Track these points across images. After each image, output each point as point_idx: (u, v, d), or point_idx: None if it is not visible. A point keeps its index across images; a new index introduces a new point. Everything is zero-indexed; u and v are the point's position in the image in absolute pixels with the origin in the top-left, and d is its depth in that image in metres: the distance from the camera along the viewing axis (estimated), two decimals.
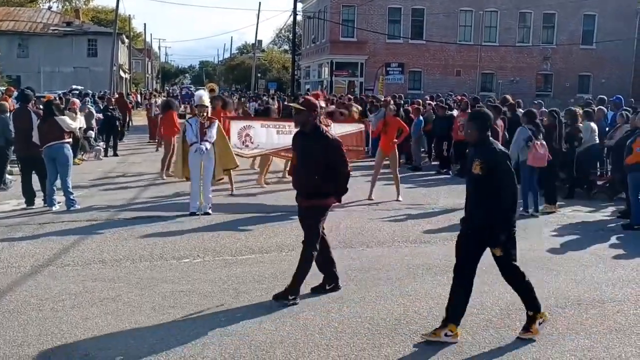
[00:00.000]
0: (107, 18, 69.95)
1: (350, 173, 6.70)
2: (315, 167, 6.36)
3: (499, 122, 12.44)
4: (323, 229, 6.65)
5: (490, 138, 5.66)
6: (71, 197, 11.08)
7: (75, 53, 54.05)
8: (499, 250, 5.53)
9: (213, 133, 10.85)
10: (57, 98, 20.05)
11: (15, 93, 21.19)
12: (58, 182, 11.11)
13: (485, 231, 5.48)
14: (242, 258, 8.19)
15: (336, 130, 12.04)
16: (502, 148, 5.71)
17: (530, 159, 11.05)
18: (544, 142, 11.16)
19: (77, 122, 14.57)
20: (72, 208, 10.96)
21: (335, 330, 5.72)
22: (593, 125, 13.52)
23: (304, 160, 6.52)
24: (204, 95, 11.34)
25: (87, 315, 5.98)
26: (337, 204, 6.79)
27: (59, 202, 11.13)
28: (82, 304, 6.29)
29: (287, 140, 12.79)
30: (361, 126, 13.33)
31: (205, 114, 10.91)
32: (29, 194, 11.40)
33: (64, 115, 11.61)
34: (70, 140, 11.43)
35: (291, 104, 8.39)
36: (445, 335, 5.48)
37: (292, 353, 5.24)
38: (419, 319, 6.05)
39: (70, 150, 11.31)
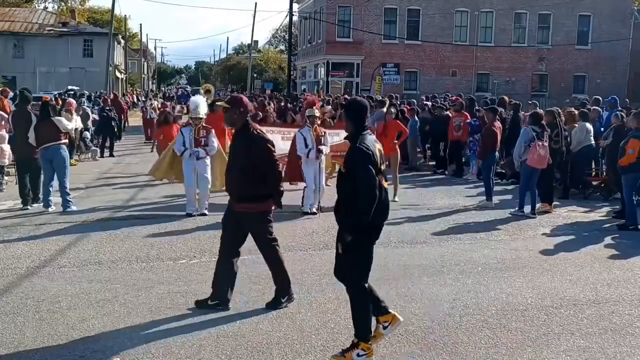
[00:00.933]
0: (102, 18, 69.82)
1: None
2: (241, 167, 6.05)
3: (497, 124, 12.45)
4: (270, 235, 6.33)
5: (365, 134, 5.10)
6: (68, 199, 11.07)
7: (71, 53, 53.93)
8: (340, 247, 5.17)
9: (214, 145, 10.76)
10: (54, 99, 20.03)
11: (11, 94, 21.16)
12: (55, 184, 11.11)
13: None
14: (238, 258, 8.17)
15: (332, 138, 12.04)
16: (369, 147, 4.99)
17: (530, 160, 11.07)
18: (546, 144, 11.20)
19: (73, 123, 14.53)
20: (68, 209, 10.95)
21: (331, 332, 5.73)
22: (588, 125, 13.57)
23: (232, 161, 6.26)
24: (200, 105, 10.81)
25: (83, 316, 5.98)
26: (278, 209, 6.44)
27: (55, 203, 11.13)
28: (79, 305, 6.29)
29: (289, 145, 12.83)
30: None
31: (200, 125, 10.73)
32: (25, 196, 11.38)
33: (60, 116, 11.59)
34: (67, 141, 11.43)
35: (218, 102, 8.25)
36: (358, 355, 5.06)
37: (288, 354, 5.25)
38: (415, 319, 6.06)
39: (67, 152, 11.31)
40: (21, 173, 11.62)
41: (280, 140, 12.66)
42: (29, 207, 11.28)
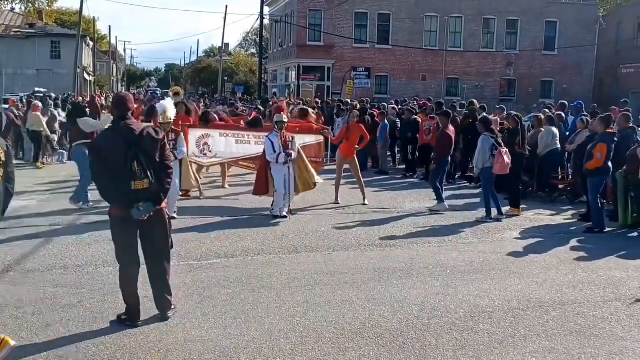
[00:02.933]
0: (71, 20, 68.99)
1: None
2: None
3: (451, 128, 12.54)
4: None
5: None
6: (86, 195, 11.44)
7: (39, 55, 53.15)
8: None
9: (183, 150, 10.70)
10: (20, 101, 19.74)
11: None
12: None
13: None
14: (207, 263, 8.14)
15: (297, 141, 12.03)
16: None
17: (497, 168, 11.16)
18: (507, 150, 11.31)
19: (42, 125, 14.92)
20: (79, 203, 11.39)
21: (300, 335, 5.72)
22: (555, 130, 13.76)
23: None
24: (167, 109, 10.48)
25: (48, 321, 5.87)
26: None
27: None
28: (43, 310, 6.18)
29: (246, 149, 12.81)
30: (321, 138, 13.31)
31: (169, 128, 10.60)
32: None
33: (84, 117, 11.62)
34: (89, 141, 11.43)
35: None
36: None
37: (257, 358, 5.23)
38: (384, 322, 6.08)
39: (86, 153, 11.30)
40: None
41: (234, 143, 12.70)
42: None
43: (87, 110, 12.40)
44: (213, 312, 6.24)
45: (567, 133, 14.78)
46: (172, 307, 6.08)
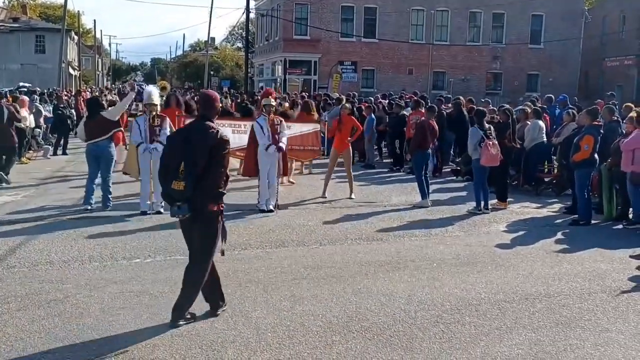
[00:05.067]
0: (55, 14, 68.43)
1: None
2: None
3: (431, 122, 12.50)
4: None
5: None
6: (109, 197, 11.00)
7: (23, 49, 52.72)
8: None
9: (167, 133, 10.64)
10: (4, 95, 19.53)
11: None
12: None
13: None
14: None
15: (293, 130, 12.05)
16: None
17: (484, 160, 11.22)
18: (496, 141, 11.36)
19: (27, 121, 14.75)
20: (108, 207, 10.86)
21: (287, 329, 5.71)
22: (541, 123, 13.85)
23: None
24: (152, 92, 10.86)
25: (33, 317, 5.83)
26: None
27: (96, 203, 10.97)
28: (28, 306, 6.14)
29: (242, 139, 12.75)
30: (317, 126, 13.38)
31: (154, 112, 10.66)
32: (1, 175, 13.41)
33: (105, 109, 11.38)
34: (117, 131, 11.34)
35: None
36: None
37: (243, 352, 5.22)
38: (370, 315, 6.09)
39: (114, 149, 11.18)
40: None
41: (231, 133, 12.65)
42: (3, 184, 13.11)
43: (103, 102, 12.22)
44: (199, 306, 6.19)
45: (554, 126, 14.85)
46: (187, 316, 5.81)
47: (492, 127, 11.70)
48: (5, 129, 13.86)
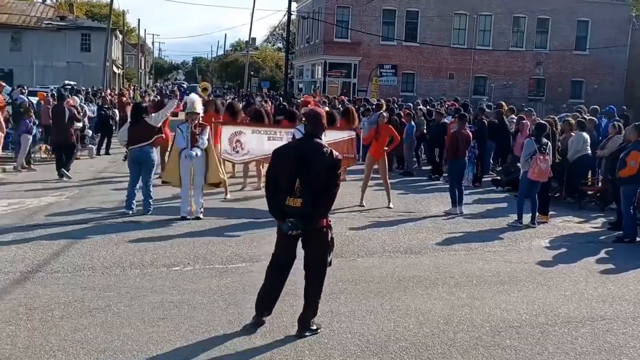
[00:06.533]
0: (101, 12, 69.55)
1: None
2: None
3: (465, 131, 12.49)
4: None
5: None
6: (150, 202, 11.14)
7: (69, 48, 53.66)
8: None
9: (205, 139, 10.75)
10: (51, 94, 19.99)
11: (8, 88, 21.16)
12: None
13: None
14: (232, 267, 8.15)
15: (328, 137, 11.97)
16: None
17: (531, 174, 11.05)
18: (548, 157, 11.17)
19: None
20: (149, 212, 10.99)
21: (325, 347, 5.69)
22: (585, 135, 13.56)
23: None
24: (195, 101, 10.98)
25: (76, 326, 5.91)
26: None
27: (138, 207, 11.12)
28: (72, 314, 6.23)
29: (278, 146, 12.75)
30: (352, 133, 13.28)
31: (196, 121, 10.77)
32: (60, 170, 14.57)
33: (149, 114, 11.52)
34: (158, 138, 11.46)
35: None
36: None
37: None
38: (409, 335, 6.03)
39: (156, 154, 11.41)
40: (58, 153, 15.19)
41: (266, 140, 12.69)
42: (64, 178, 14.31)
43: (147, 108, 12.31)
44: (238, 319, 6.22)
45: (600, 138, 14.52)
46: (313, 327, 5.97)
47: (549, 143, 11.45)
48: (67, 128, 15.22)
